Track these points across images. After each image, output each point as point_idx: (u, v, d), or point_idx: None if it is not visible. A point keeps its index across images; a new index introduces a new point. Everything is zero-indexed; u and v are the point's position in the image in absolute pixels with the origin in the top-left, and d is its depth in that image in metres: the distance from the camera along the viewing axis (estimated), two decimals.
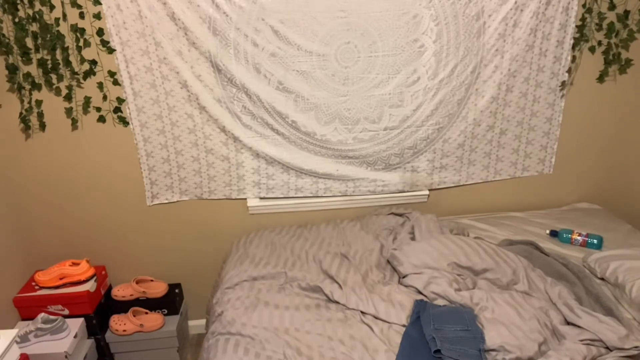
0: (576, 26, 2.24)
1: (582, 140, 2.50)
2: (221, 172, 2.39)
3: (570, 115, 2.42)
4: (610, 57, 2.31)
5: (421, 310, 1.76)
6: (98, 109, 2.23)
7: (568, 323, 1.71)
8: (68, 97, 2.18)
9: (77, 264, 2.34)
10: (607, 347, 1.59)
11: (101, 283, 2.41)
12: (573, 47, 2.29)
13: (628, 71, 2.36)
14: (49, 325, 2.14)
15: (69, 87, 2.16)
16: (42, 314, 2.17)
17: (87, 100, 2.20)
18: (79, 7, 2.04)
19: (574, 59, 2.31)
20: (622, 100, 2.43)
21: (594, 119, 2.46)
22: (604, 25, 2.26)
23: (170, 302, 2.45)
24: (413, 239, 2.22)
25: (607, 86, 2.39)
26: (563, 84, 2.34)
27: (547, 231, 2.28)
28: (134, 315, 2.39)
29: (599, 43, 2.30)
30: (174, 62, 2.16)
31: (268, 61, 2.17)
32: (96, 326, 2.34)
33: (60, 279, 2.29)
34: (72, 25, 2.06)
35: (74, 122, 2.24)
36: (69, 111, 2.20)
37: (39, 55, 2.09)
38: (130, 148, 2.31)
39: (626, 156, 2.56)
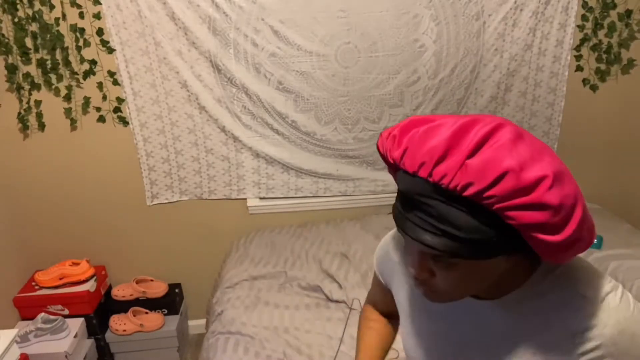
0: (577, 26, 2.24)
1: (582, 140, 2.50)
2: (221, 172, 2.39)
3: (570, 114, 2.42)
4: (612, 56, 2.31)
5: None
6: (98, 109, 2.23)
7: None
8: (67, 97, 2.18)
9: (77, 264, 2.34)
10: None
11: (101, 283, 2.41)
12: (578, 47, 2.29)
13: (629, 72, 2.36)
14: (49, 325, 2.14)
15: (69, 87, 2.16)
16: (42, 314, 2.17)
17: (86, 101, 2.20)
18: (79, 7, 2.04)
19: (579, 57, 2.31)
20: (622, 100, 2.43)
21: (594, 119, 2.46)
22: (605, 25, 2.26)
23: (170, 302, 2.45)
24: None
25: (607, 86, 2.39)
26: (584, 81, 2.36)
27: None
28: (134, 315, 2.39)
29: (600, 42, 2.30)
30: (174, 62, 2.16)
31: (268, 61, 2.17)
32: (96, 326, 2.33)
33: (60, 279, 2.29)
34: (71, 25, 2.06)
35: (73, 122, 2.24)
36: (68, 111, 2.20)
37: (38, 55, 2.09)
38: (130, 148, 2.31)
39: (626, 156, 2.55)
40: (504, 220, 0.61)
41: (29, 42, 2.07)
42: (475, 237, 0.62)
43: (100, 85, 2.18)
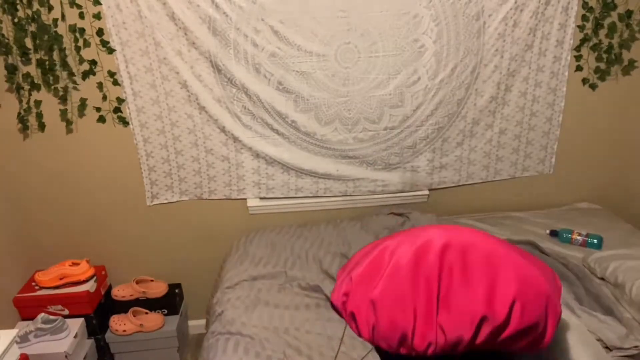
0: (577, 26, 2.24)
1: (583, 140, 2.50)
2: (221, 172, 2.39)
3: (571, 115, 2.42)
4: (613, 57, 2.31)
5: None
6: (98, 109, 2.23)
7: None
8: (63, 99, 2.18)
9: (77, 264, 2.34)
10: (607, 347, 1.59)
11: (101, 283, 2.41)
12: (578, 47, 2.29)
13: (630, 73, 2.36)
14: (49, 325, 2.14)
15: (65, 89, 2.16)
16: (42, 314, 2.17)
17: (82, 102, 2.19)
18: (79, 7, 2.04)
19: (579, 57, 2.31)
20: (622, 99, 2.43)
21: (595, 119, 2.46)
22: (606, 25, 2.26)
23: (170, 302, 2.45)
24: None
25: (608, 86, 2.39)
26: (583, 81, 2.36)
27: (547, 231, 2.28)
28: (134, 315, 2.39)
29: (600, 42, 2.30)
30: (174, 62, 2.16)
31: (268, 61, 2.17)
32: (96, 326, 2.34)
33: (60, 279, 2.29)
34: (70, 26, 2.06)
35: (69, 124, 2.23)
36: (63, 113, 2.20)
37: (38, 56, 2.09)
38: (130, 148, 2.31)
39: (626, 156, 2.56)
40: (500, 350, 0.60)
41: (28, 42, 2.07)
42: None
43: (100, 86, 2.18)
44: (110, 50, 2.13)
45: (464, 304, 0.56)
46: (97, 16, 2.07)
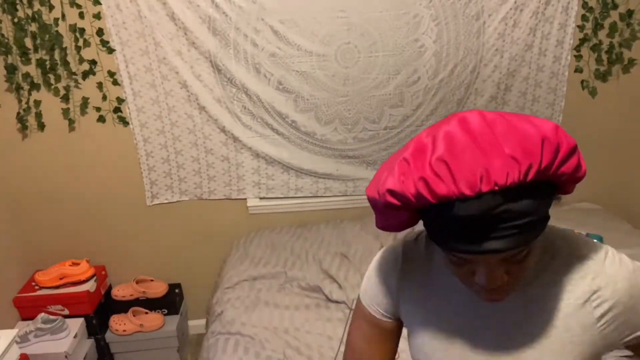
0: (577, 26, 2.24)
1: (582, 140, 2.49)
2: (221, 172, 2.39)
3: (570, 114, 2.42)
4: (614, 56, 2.31)
5: None
6: (98, 109, 2.23)
7: None
8: (65, 98, 2.18)
9: (77, 264, 2.34)
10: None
11: (101, 283, 2.41)
12: (578, 47, 2.29)
13: (630, 71, 2.35)
14: (49, 325, 2.14)
15: (67, 88, 2.16)
16: (42, 314, 2.17)
17: (84, 101, 2.20)
18: (79, 7, 2.04)
19: (579, 57, 2.31)
20: (622, 100, 2.43)
21: (594, 119, 2.46)
22: (606, 25, 2.26)
23: (170, 302, 2.45)
24: None
25: (607, 86, 2.39)
26: (582, 83, 2.36)
27: None
28: (134, 315, 2.39)
29: (600, 42, 2.29)
30: (174, 62, 2.15)
31: (268, 61, 2.17)
32: (96, 326, 2.34)
33: (60, 279, 2.29)
34: (70, 26, 2.06)
35: (71, 123, 2.24)
36: (66, 112, 2.20)
37: (37, 56, 2.09)
38: (130, 148, 2.31)
39: (627, 156, 2.55)
40: (556, 180, 0.65)
41: (28, 42, 2.07)
42: (542, 213, 0.64)
43: (100, 85, 2.18)
44: (110, 50, 2.12)
45: (521, 136, 0.63)
46: (97, 16, 2.07)
